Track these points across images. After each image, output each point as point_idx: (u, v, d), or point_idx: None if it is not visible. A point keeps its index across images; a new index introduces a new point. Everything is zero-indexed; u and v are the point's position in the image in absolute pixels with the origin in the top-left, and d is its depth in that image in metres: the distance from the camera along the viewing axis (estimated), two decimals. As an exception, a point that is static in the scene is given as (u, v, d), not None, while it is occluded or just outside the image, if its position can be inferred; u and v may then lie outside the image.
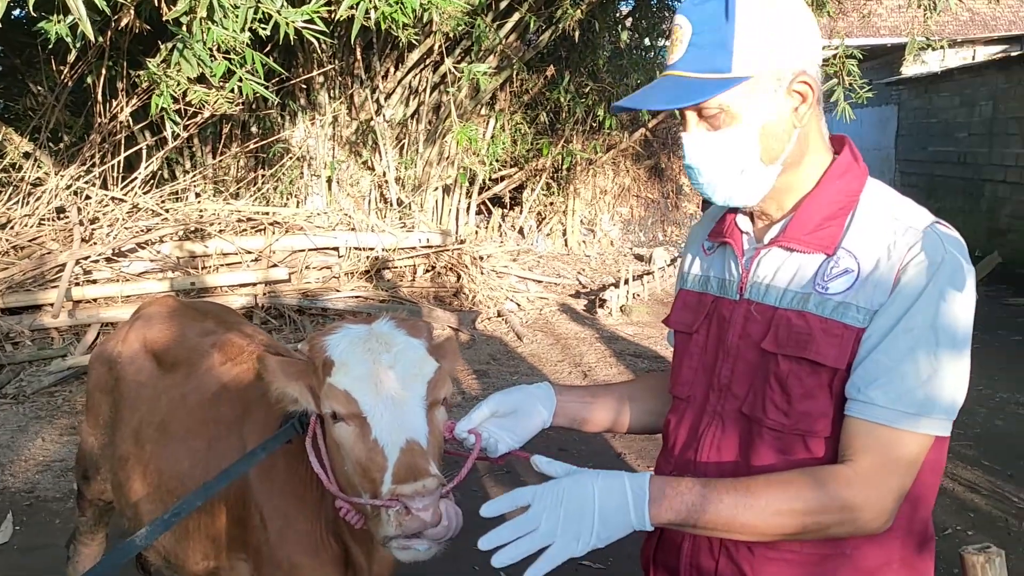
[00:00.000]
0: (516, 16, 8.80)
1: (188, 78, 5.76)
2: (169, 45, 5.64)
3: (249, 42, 5.47)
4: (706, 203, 1.65)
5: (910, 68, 16.07)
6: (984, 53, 16.58)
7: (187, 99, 6.29)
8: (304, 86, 9.07)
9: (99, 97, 7.78)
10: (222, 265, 7.92)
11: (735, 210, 1.62)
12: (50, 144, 8.09)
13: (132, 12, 6.30)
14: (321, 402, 1.72)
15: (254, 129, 9.19)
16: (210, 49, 5.37)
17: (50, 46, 5.41)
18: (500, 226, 11.53)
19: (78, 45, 5.76)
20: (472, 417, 1.72)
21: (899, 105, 15.60)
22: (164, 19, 5.36)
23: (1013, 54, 12.85)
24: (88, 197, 7.82)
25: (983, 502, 4.59)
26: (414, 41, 7.76)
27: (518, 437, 1.77)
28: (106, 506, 3.06)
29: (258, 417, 2.19)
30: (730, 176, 1.51)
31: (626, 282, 9.31)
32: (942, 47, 10.79)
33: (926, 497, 1.53)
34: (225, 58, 5.49)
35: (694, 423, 1.64)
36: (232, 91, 5.89)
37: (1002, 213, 11.75)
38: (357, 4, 5.64)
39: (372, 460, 1.63)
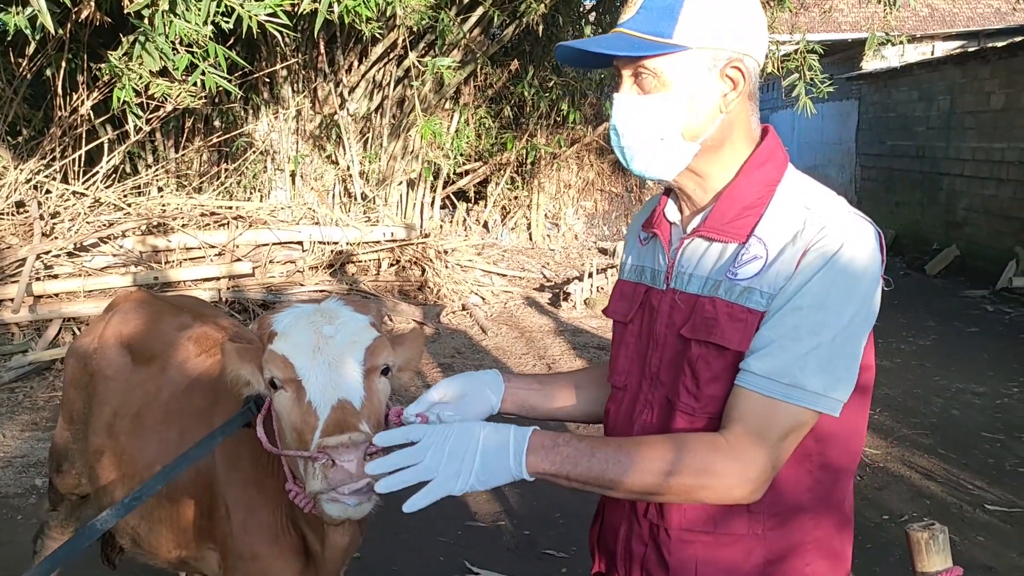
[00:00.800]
0: (480, 10, 8.82)
1: (150, 71, 5.72)
2: (131, 38, 5.61)
3: (212, 35, 5.45)
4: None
5: (870, 63, 16.28)
6: (943, 48, 16.83)
7: (149, 92, 6.24)
8: (267, 80, 9.03)
9: (59, 90, 7.70)
10: (185, 260, 7.88)
11: (668, 193, 1.66)
12: (8, 138, 7.99)
13: (92, 4, 6.25)
14: (262, 371, 1.74)
15: (217, 123, 9.14)
16: (172, 42, 5.34)
17: (8, 38, 5.35)
18: (465, 220, 11.55)
19: (37, 37, 5.70)
20: (420, 401, 1.72)
21: (860, 99, 15.79)
22: (125, 12, 5.32)
23: (970, 50, 13.06)
24: (48, 191, 7.73)
25: (939, 489, 4.70)
26: (378, 35, 7.76)
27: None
28: (79, 500, 3.06)
29: (227, 406, 2.20)
30: (649, 142, 1.53)
31: (590, 275, 9.38)
32: (901, 42, 10.95)
33: (841, 477, 1.56)
34: (187, 51, 5.46)
35: (628, 411, 1.66)
36: (195, 85, 5.87)
37: (959, 206, 11.97)
38: (320, -2, 5.65)
39: (305, 422, 1.64)
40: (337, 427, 1.58)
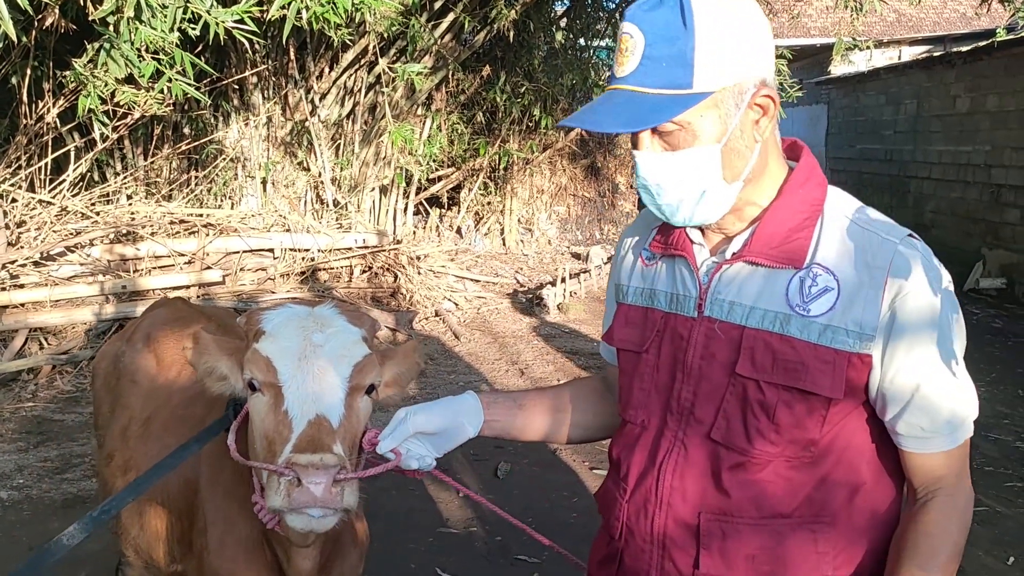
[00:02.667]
0: (451, 16, 8.82)
1: (116, 79, 5.65)
2: (96, 45, 5.55)
3: (178, 42, 5.40)
4: (643, 203, 1.54)
5: (839, 68, 16.45)
6: (910, 53, 17.04)
7: (115, 100, 6.18)
8: (237, 86, 8.97)
9: (24, 98, 7.60)
10: (155, 268, 7.81)
11: (704, 227, 1.54)
12: (-27, 146, 7.89)
13: (57, 11, 6.18)
14: (243, 369, 1.66)
15: (187, 130, 9.06)
16: (138, 49, 5.29)
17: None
18: (438, 226, 11.53)
19: (0, 45, 5.64)
20: (396, 434, 1.63)
21: (829, 104, 15.96)
22: (90, 19, 5.27)
23: (936, 54, 13.23)
24: (14, 200, 7.63)
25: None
26: (348, 41, 7.73)
27: (441, 451, 1.70)
28: None
29: (219, 415, 2.19)
30: (691, 197, 1.42)
31: (563, 280, 9.39)
32: (869, 47, 11.07)
33: (837, 491, 1.49)
34: (154, 58, 5.41)
35: (651, 449, 1.55)
36: (161, 92, 5.81)
37: (926, 208, 12.10)
38: (288, 4, 5.61)
39: (279, 431, 1.57)
40: (310, 444, 1.51)
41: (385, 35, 8.13)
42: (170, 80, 5.50)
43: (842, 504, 1.47)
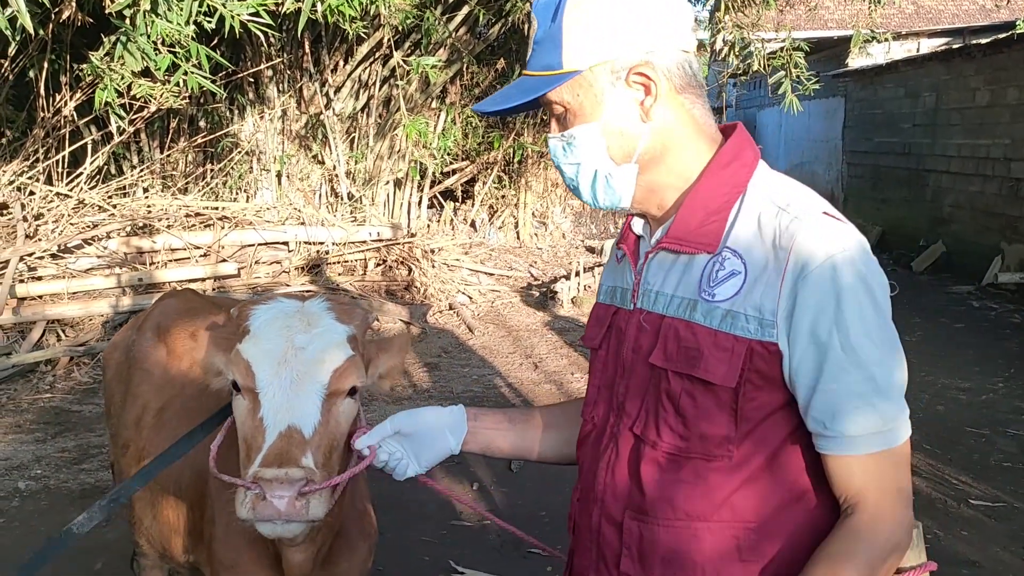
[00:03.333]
0: (466, 9, 8.81)
1: (132, 72, 5.69)
2: (112, 38, 5.58)
3: (194, 35, 5.43)
4: None
5: (856, 60, 16.33)
6: (928, 45, 16.90)
7: (132, 93, 6.21)
8: (252, 80, 9.00)
9: (42, 91, 7.65)
10: (170, 261, 7.85)
11: (639, 214, 1.51)
12: (-9, 139, 7.95)
13: (74, 5, 6.21)
14: (227, 368, 1.68)
15: (202, 123, 9.11)
16: (154, 42, 5.31)
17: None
18: (452, 219, 11.54)
19: (18, 38, 5.67)
20: (373, 433, 1.64)
21: (846, 97, 15.84)
22: (107, 12, 5.29)
23: (955, 47, 13.11)
24: (32, 193, 7.69)
25: (923, 484, 4.71)
26: (363, 34, 7.74)
27: (424, 462, 1.68)
28: None
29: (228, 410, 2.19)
30: (585, 176, 1.42)
31: (577, 274, 9.37)
32: (887, 39, 11.01)
33: (807, 498, 1.40)
34: (170, 51, 5.44)
35: (595, 446, 1.53)
36: (177, 85, 5.84)
37: (945, 203, 12.01)
38: (303, -3, 5.63)
39: (254, 439, 1.58)
40: (277, 458, 1.51)
41: (400, 28, 8.13)
42: (186, 73, 5.52)
43: (773, 512, 1.38)
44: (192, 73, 5.54)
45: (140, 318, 2.87)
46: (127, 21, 5.20)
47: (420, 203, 10.72)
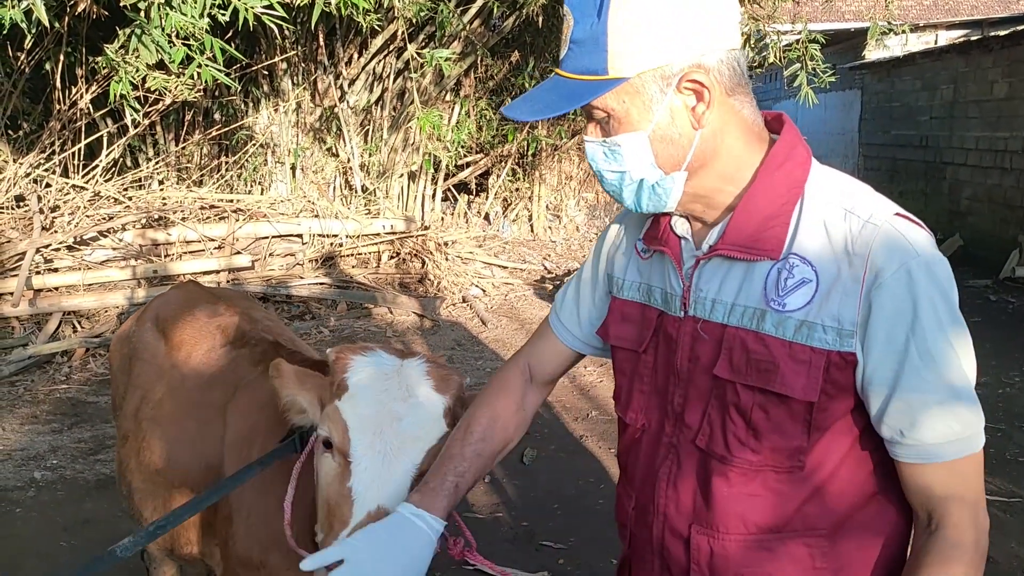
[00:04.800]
0: (480, 2, 8.78)
1: (147, 64, 5.70)
2: (127, 31, 5.59)
3: (208, 28, 5.43)
4: None
5: (873, 52, 16.22)
6: (946, 37, 16.75)
7: (147, 86, 6.23)
8: (267, 72, 9.01)
9: (58, 84, 7.69)
10: (185, 253, 7.88)
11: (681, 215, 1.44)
12: (8, 132, 7.98)
13: (89, -3, 6.24)
14: (321, 420, 1.64)
15: (217, 116, 9.13)
16: (168, 35, 5.32)
17: (4, 31, 5.33)
18: (466, 212, 11.53)
19: (34, 31, 5.69)
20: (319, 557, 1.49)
21: (862, 89, 15.73)
22: (121, 4, 5.30)
23: (973, 39, 12.99)
24: (48, 185, 7.74)
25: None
26: (377, 27, 7.73)
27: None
28: None
29: (241, 404, 2.19)
30: (629, 184, 1.35)
31: (591, 267, 9.34)
32: (904, 31, 10.90)
33: (875, 499, 1.39)
34: (184, 44, 5.44)
35: (651, 455, 1.48)
36: (192, 77, 5.85)
37: (962, 196, 11.92)
38: (317, -11, 5.62)
39: (339, 508, 1.56)
40: None
41: (414, 21, 8.11)
42: (200, 66, 5.52)
43: (843, 517, 1.36)
44: (206, 66, 5.54)
45: (141, 310, 2.88)
46: (141, 14, 5.21)
47: (434, 196, 10.72)
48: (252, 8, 5.27)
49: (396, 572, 1.43)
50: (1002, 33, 11.36)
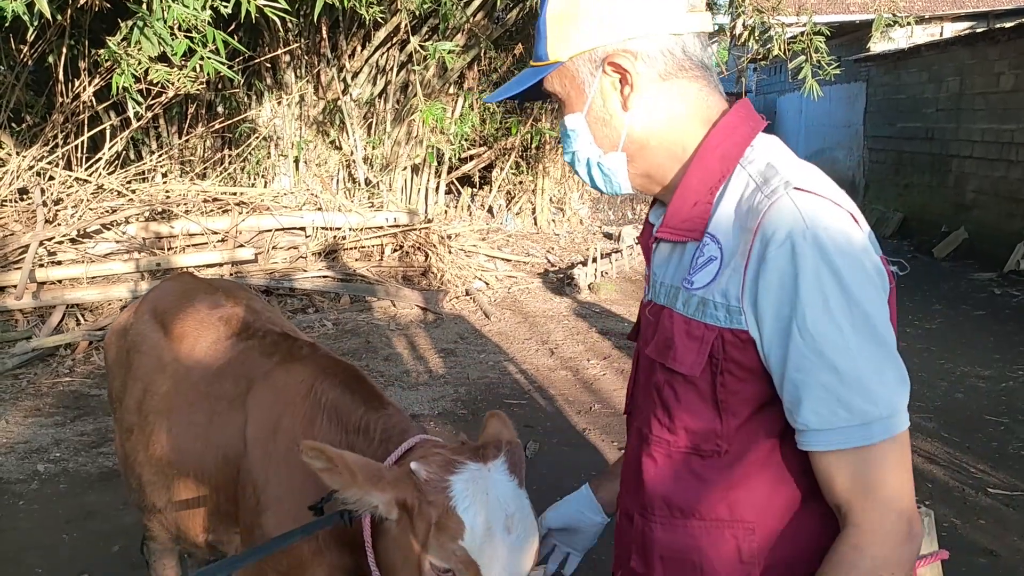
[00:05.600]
0: (483, -6, 8.77)
1: (149, 57, 5.70)
2: (129, 23, 5.59)
3: (211, 21, 5.43)
4: None
5: (879, 45, 16.15)
6: (952, 29, 16.66)
7: (149, 78, 6.23)
8: (270, 65, 9.00)
9: (60, 76, 7.69)
10: (188, 246, 7.88)
11: (655, 200, 1.48)
12: (12, 124, 7.99)
13: (91, -10, 6.23)
14: (431, 548, 1.62)
15: (220, 109, 9.13)
16: (171, 27, 5.32)
17: (6, 24, 5.33)
18: (469, 206, 11.52)
19: (36, 24, 5.69)
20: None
21: (868, 82, 15.68)
22: (123, -3, 5.31)
23: (979, 31, 12.93)
24: (52, 178, 7.74)
25: (941, 473, 4.67)
26: (380, 19, 7.71)
27: (581, 547, 1.79)
28: None
29: (261, 398, 2.19)
30: (581, 164, 1.42)
31: (594, 260, 9.34)
32: (909, 23, 10.85)
33: (812, 502, 1.32)
34: (186, 37, 5.44)
35: (626, 444, 1.55)
36: (194, 70, 5.85)
37: (968, 188, 11.88)
38: (319, -18, 5.62)
39: None
40: None
41: (417, 13, 8.11)
42: (202, 58, 5.52)
43: (780, 516, 1.32)
44: (208, 58, 5.54)
45: (137, 303, 2.87)
46: (143, 6, 5.21)
47: (437, 189, 10.71)
48: (254, 0, 5.26)
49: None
50: (1008, 25, 11.30)
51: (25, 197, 7.54)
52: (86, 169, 7.98)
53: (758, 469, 1.31)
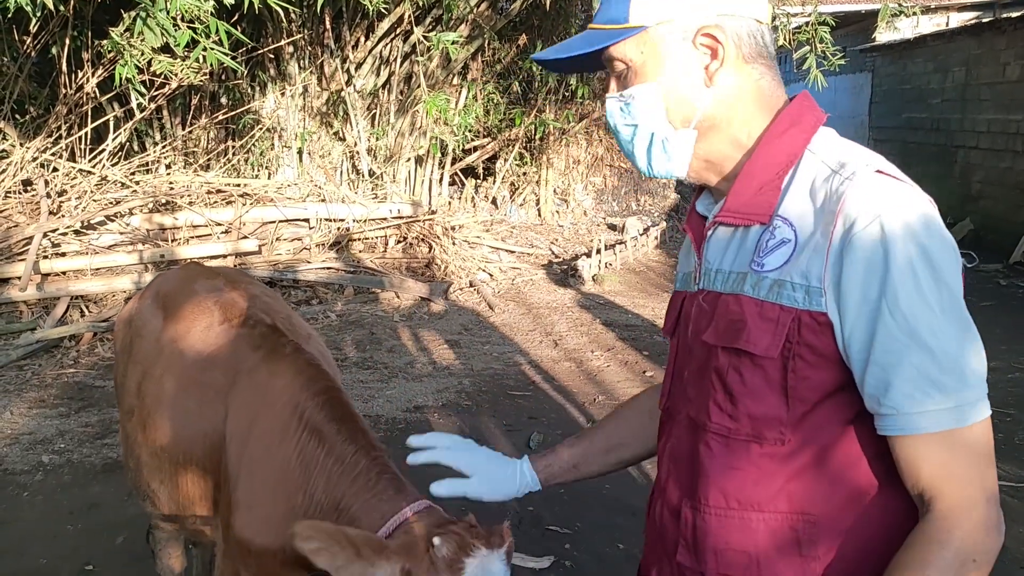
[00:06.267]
0: (487, -16, 8.74)
1: (152, 48, 5.68)
2: (132, 14, 5.57)
3: (214, 11, 5.41)
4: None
5: (885, 35, 16.08)
6: (958, 19, 16.60)
7: (152, 69, 6.21)
8: (273, 56, 8.98)
9: (64, 68, 7.67)
10: (192, 237, 7.88)
11: (702, 191, 1.46)
12: (16, 116, 7.98)
13: (94, -20, 6.21)
14: None
15: (224, 100, 9.11)
16: (173, 18, 5.30)
17: (9, 14, 5.32)
18: (473, 197, 11.50)
19: (38, 15, 5.67)
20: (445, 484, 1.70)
21: (873, 72, 15.62)
22: (125, -13, 5.29)
23: (985, 20, 12.87)
24: (55, 169, 7.74)
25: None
26: (384, 10, 7.69)
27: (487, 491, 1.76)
28: None
29: (243, 394, 2.19)
30: (642, 140, 1.36)
31: (598, 251, 9.33)
32: (915, 13, 10.78)
33: (876, 492, 1.29)
34: (189, 27, 5.42)
35: (665, 435, 1.50)
36: (197, 61, 5.83)
37: (974, 179, 11.83)
38: (322, -28, 5.59)
39: None
40: None
41: (421, 3, 8.08)
42: (205, 49, 5.50)
43: (841, 508, 1.28)
44: (212, 49, 5.52)
45: (143, 290, 2.88)
46: (146, -3, 5.19)
47: (441, 180, 10.69)
48: (257, -9, 5.24)
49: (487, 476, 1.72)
50: (1015, 15, 11.24)
51: (29, 189, 7.54)
52: (90, 160, 7.98)
53: (821, 459, 1.28)
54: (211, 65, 5.77)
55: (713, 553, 1.34)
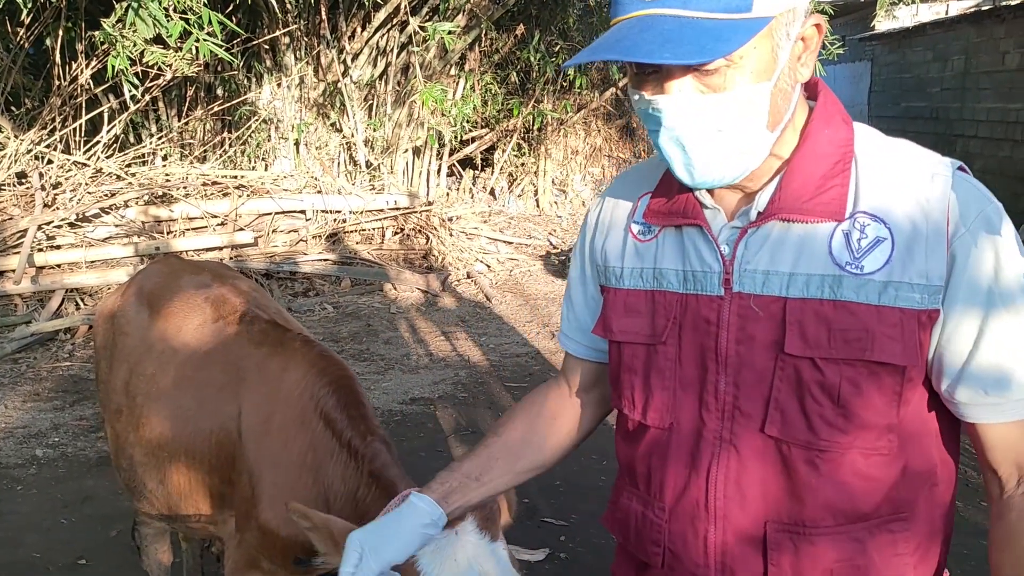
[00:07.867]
0: (483, -27, 8.69)
1: (144, 39, 5.65)
2: (124, 4, 5.53)
3: (207, 2, 5.38)
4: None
5: (884, 23, 16.02)
6: (957, 7, 16.53)
7: (145, 61, 6.18)
8: (269, 47, 8.94)
9: (58, 59, 7.63)
10: (188, 229, 7.85)
11: (673, 183, 1.30)
12: (10, 108, 7.94)
13: (86, -29, 6.17)
14: None
15: (220, 91, 9.07)
16: (166, 9, 5.27)
17: (1, 4, 5.28)
18: (471, 188, 11.46)
19: (30, 6, 5.64)
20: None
21: (872, 61, 15.58)
22: (117, -22, 5.25)
23: (985, 8, 12.82)
24: (50, 161, 7.70)
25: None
26: (380, 0, 7.64)
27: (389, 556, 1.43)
28: None
29: (258, 390, 2.19)
30: (721, 147, 1.18)
31: (597, 242, 9.28)
32: (914, 1, 10.75)
33: (920, 486, 1.29)
34: (182, 18, 5.39)
35: (690, 457, 1.32)
36: (190, 52, 5.80)
37: (973, 168, 11.63)
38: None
39: None
40: None
41: (417, -7, 8.04)
42: (198, 40, 5.47)
43: (921, 498, 1.28)
44: (204, 40, 5.49)
45: (123, 285, 2.85)
46: (138, -13, 5.16)
47: (439, 171, 10.65)
48: (250, -20, 5.21)
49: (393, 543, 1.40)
50: (1014, 2, 11.19)
51: (23, 181, 7.51)
52: (85, 152, 7.94)
53: (911, 456, 1.26)
54: (205, 57, 5.73)
55: (824, 574, 1.27)
